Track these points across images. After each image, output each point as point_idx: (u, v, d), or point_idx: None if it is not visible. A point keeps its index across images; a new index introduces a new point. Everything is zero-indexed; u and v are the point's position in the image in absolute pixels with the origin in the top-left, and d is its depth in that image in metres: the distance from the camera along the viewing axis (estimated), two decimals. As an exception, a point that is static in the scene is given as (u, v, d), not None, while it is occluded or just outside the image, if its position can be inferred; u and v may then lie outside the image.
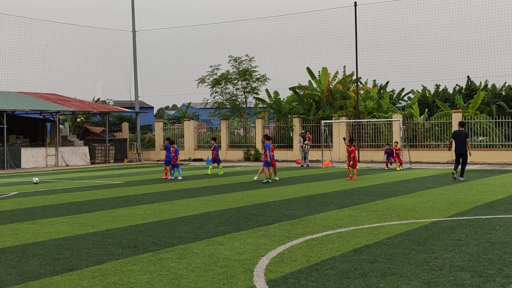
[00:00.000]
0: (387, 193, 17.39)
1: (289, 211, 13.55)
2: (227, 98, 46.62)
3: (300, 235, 10.21)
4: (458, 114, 35.79)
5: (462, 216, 12.29)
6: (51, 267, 8.08)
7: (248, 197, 16.91)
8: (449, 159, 34.85)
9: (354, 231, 10.54)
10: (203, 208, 14.46)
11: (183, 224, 11.77)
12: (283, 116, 43.08)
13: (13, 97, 42.05)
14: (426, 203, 14.70)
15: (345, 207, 14.14)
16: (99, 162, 43.02)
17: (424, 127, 38.08)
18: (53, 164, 40.06)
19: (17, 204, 16.27)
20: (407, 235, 10.01)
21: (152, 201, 16.33)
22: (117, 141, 45.83)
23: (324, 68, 43.23)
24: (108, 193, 18.92)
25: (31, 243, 9.95)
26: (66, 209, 14.83)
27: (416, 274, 7.32)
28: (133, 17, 48.27)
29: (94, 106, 48.12)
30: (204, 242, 9.72)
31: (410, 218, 12.05)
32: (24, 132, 44.24)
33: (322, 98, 42.40)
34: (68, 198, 17.51)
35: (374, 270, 7.53)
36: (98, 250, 9.24)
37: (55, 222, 12.50)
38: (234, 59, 46.00)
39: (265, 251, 8.88)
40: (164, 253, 8.91)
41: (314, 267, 7.80)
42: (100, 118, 55.88)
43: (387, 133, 38.65)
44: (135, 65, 48.46)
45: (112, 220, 12.54)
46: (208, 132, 49.16)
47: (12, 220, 12.84)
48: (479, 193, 17.05)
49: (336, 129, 38.81)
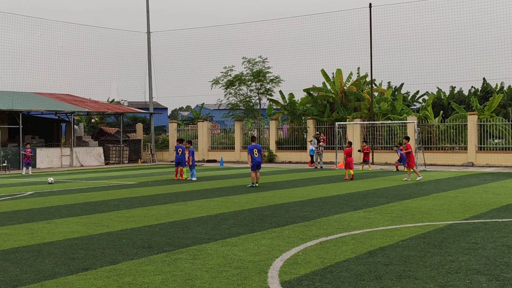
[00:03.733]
0: (402, 195, 17.29)
1: (303, 212, 13.52)
2: (241, 99, 46.64)
3: (314, 237, 10.17)
4: (474, 117, 35.54)
5: (478, 219, 12.19)
6: (66, 267, 8.11)
7: (262, 198, 16.90)
8: (464, 162, 34.61)
9: (369, 233, 10.49)
10: (217, 209, 14.47)
11: (197, 225, 11.78)
12: (297, 118, 43.02)
13: (28, 97, 42.37)
14: (441, 205, 14.60)
15: (360, 209, 14.07)
16: (113, 162, 43.21)
17: (439, 129, 37.85)
18: (67, 164, 40.31)
19: (32, 203, 16.38)
20: (422, 238, 9.94)
21: (166, 201, 16.37)
22: (131, 142, 46.01)
23: (338, 70, 43.13)
24: (122, 194, 18.99)
25: (46, 243, 10.01)
26: (80, 209, 14.90)
27: (431, 277, 7.26)
28: (147, 19, 48.49)
29: (108, 107, 48.36)
30: (218, 243, 9.72)
31: (425, 221, 11.97)
32: (39, 133, 44.55)
33: (336, 99, 42.29)
34: (82, 198, 17.60)
35: (389, 273, 7.49)
36: (113, 250, 9.27)
37: (70, 222, 12.56)
38: (247, 60, 46.02)
39: (279, 253, 8.85)
40: (178, 253, 8.92)
41: (329, 269, 7.76)
42: (114, 119, 56.13)
43: (402, 135, 38.44)
44: (149, 66, 48.64)
45: (126, 221, 12.58)
46: (222, 133, 49.22)
47: (28, 220, 12.93)
48: (495, 195, 16.91)
49: (350, 131, 38.69)
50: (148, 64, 48.62)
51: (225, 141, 46.51)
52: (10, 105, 38.27)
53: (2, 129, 40.45)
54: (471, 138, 35.15)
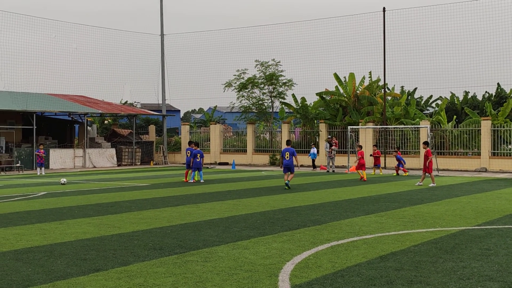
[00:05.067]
0: (414, 200, 17.20)
1: (314, 216, 13.49)
2: (253, 102, 46.66)
3: (326, 241, 10.15)
4: (488, 122, 35.30)
5: (491, 225, 12.10)
6: (78, 267, 8.15)
7: (274, 201, 16.88)
8: (477, 167, 34.39)
9: (380, 238, 10.45)
10: (228, 211, 14.47)
11: (208, 228, 11.79)
12: (309, 121, 42.96)
13: (42, 98, 42.65)
14: (453, 211, 14.51)
15: (371, 213, 14.02)
16: (126, 164, 43.38)
17: (452, 134, 37.64)
18: (80, 166, 40.52)
19: (45, 204, 16.48)
20: (434, 243, 9.88)
21: (178, 203, 16.40)
22: (144, 144, 46.18)
23: (351, 74, 43.05)
24: (134, 195, 19.06)
25: (58, 243, 10.06)
26: (93, 210, 14.97)
27: (443, 283, 7.22)
28: (161, 21, 48.66)
29: (121, 108, 48.58)
30: (229, 246, 9.72)
31: (437, 226, 11.90)
32: (53, 133, 44.83)
33: (349, 103, 42.21)
34: (95, 199, 17.68)
35: (401, 278, 7.45)
36: (124, 251, 9.30)
37: (82, 222, 12.63)
38: (260, 63, 46.05)
39: (290, 256, 8.84)
40: (189, 256, 8.94)
41: (340, 273, 7.74)
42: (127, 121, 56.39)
43: (414, 139, 38.29)
44: (162, 68, 48.81)
45: (138, 222, 12.62)
46: (234, 136, 49.27)
47: (40, 220, 13.01)
48: (508, 202, 16.78)
49: (363, 135, 38.57)
50: (162, 66, 48.79)
51: (237, 144, 46.55)
52: (24, 106, 38.56)
53: (16, 130, 40.77)
54: (484, 143, 34.92)
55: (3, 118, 40.59)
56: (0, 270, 8.04)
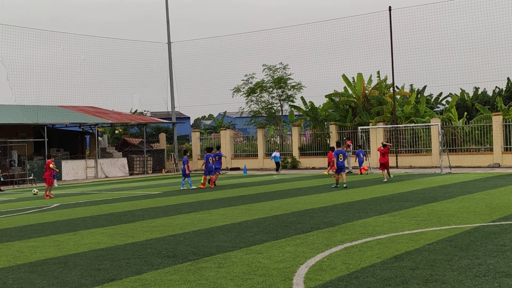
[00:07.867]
0: (427, 198, 17.10)
1: (327, 218, 13.44)
2: (262, 106, 46.69)
3: (339, 243, 10.10)
4: (499, 117, 35.07)
5: (506, 221, 12.00)
6: (92, 278, 8.16)
7: (286, 205, 16.85)
8: (490, 163, 34.16)
9: (394, 238, 10.38)
10: (241, 217, 14.46)
11: (222, 233, 11.78)
12: (320, 123, 42.90)
13: (53, 111, 42.92)
14: (467, 208, 14.41)
15: (384, 213, 13.95)
16: (138, 173, 43.51)
17: (463, 130, 37.42)
18: (92, 176, 40.68)
19: (58, 216, 16.55)
20: (448, 241, 9.81)
21: (190, 210, 16.41)
22: (155, 152, 46.30)
23: (359, 74, 42.95)
24: (147, 204, 19.09)
25: (72, 254, 10.09)
26: (106, 220, 15.01)
27: (459, 280, 7.16)
28: (168, 29, 48.86)
29: (131, 117, 48.77)
30: (242, 251, 9.70)
31: (451, 224, 11.81)
32: (64, 145, 45.07)
33: (358, 104, 42.10)
34: (108, 209, 17.73)
35: (416, 277, 7.39)
36: (138, 260, 9.31)
37: (95, 233, 12.66)
38: (268, 67, 46.08)
39: (304, 259, 8.81)
40: (203, 262, 8.93)
41: (354, 274, 7.70)
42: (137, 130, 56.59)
43: (426, 138, 38.11)
44: (171, 76, 48.99)
45: (151, 230, 12.63)
46: (244, 141, 49.28)
47: (54, 232, 13.06)
48: (522, 197, 16.64)
49: (373, 135, 38.44)
50: (170, 74, 48.99)
51: (248, 149, 46.57)
52: (35, 119, 38.81)
53: (28, 143, 41.02)
54: (496, 139, 34.68)
55: (14, 131, 40.90)
56: (15, 283, 8.07)
